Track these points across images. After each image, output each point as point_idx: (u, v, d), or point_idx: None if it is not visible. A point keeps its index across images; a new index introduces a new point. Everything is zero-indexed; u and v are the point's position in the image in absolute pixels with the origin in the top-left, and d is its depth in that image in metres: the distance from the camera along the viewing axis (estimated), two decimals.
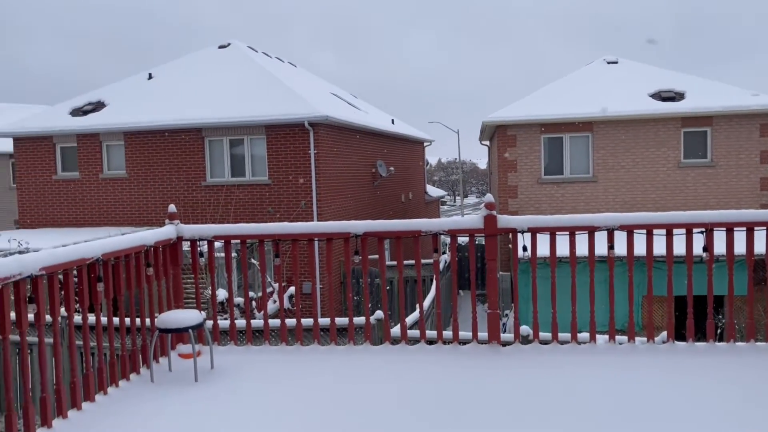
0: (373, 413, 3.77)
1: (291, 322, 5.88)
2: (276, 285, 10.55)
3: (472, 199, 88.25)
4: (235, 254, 9.60)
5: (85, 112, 17.79)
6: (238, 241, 5.19)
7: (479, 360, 4.60)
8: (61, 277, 3.87)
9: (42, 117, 18.21)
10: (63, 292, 4.11)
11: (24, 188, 17.78)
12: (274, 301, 10.33)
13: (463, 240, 5.43)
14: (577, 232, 4.74)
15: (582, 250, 4.65)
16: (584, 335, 4.89)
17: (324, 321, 5.52)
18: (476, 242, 6.62)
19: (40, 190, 17.63)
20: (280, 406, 3.92)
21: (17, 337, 6.36)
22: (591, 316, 4.76)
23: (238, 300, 9.07)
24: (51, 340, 5.95)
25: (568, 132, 16.69)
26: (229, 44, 20.50)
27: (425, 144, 27.51)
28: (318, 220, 14.91)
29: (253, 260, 10.96)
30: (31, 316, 3.62)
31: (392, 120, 23.65)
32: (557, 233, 4.76)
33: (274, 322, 5.39)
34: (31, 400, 3.55)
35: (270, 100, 16.35)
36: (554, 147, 16.86)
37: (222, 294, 9.03)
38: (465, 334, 5.25)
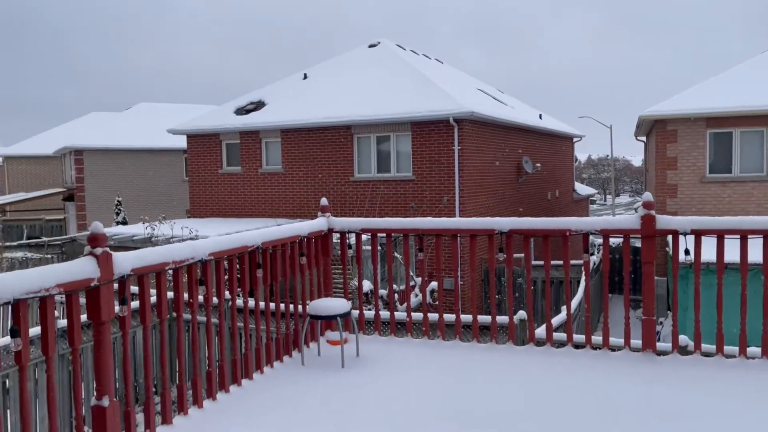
0: (516, 415, 3.70)
1: (433, 316, 5.94)
2: (418, 279, 10.69)
3: (624, 198, 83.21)
4: (380, 247, 9.88)
5: (248, 111, 19.20)
6: (384, 234, 5.32)
7: (636, 368, 4.33)
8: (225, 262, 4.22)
9: (210, 116, 19.93)
10: (227, 277, 4.47)
11: (194, 181, 19.58)
12: (416, 295, 10.48)
13: (614, 241, 5.14)
14: (749, 236, 4.30)
15: (755, 256, 4.21)
16: (754, 350, 4.43)
17: (466, 318, 5.51)
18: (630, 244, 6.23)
19: (208, 182, 19.33)
20: (419, 395, 3.98)
21: (188, 316, 7.02)
22: (764, 328, 4.29)
23: (382, 292, 9.32)
24: (215, 320, 6.52)
25: (739, 126, 15.15)
26: (378, 43, 21.08)
27: (574, 140, 26.38)
28: (460, 217, 14.88)
29: (396, 254, 11.19)
30: (200, 298, 3.98)
31: (540, 115, 22.94)
32: (726, 236, 4.35)
33: (417, 316, 5.47)
34: (199, 373, 3.91)
35: (416, 96, 16.58)
36: (721, 143, 15.39)
37: (367, 285, 9.32)
38: (615, 340, 4.97)
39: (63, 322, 5.33)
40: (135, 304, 5.48)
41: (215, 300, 4.12)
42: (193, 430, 3.56)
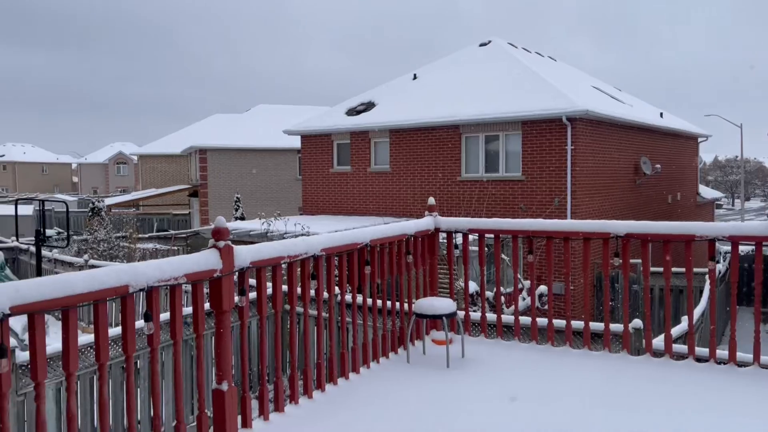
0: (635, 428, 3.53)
1: (542, 321, 5.79)
2: (527, 282, 10.45)
3: (754, 203, 76.65)
4: (487, 249, 9.75)
5: (358, 112, 19.64)
6: (492, 235, 5.26)
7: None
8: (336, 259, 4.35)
9: (323, 117, 20.58)
10: (337, 272, 4.60)
11: (307, 179, 20.32)
12: (524, 298, 10.25)
13: (744, 249, 4.76)
14: None
15: None
16: None
17: (577, 324, 5.32)
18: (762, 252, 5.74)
19: (320, 181, 19.98)
20: (527, 401, 3.90)
21: (300, 309, 7.29)
22: None
23: (489, 294, 9.20)
24: (326, 315, 6.73)
25: None
26: (489, 42, 20.82)
27: (700, 140, 24.66)
28: (572, 219, 14.37)
29: (504, 256, 11.01)
30: (312, 292, 4.13)
31: (661, 113, 21.66)
32: None
33: (524, 320, 5.36)
34: (310, 364, 4.06)
35: (527, 95, 16.21)
36: None
37: (473, 286, 9.25)
38: (743, 355, 4.61)
39: (188, 310, 5.72)
40: (252, 295, 5.77)
41: (325, 294, 4.26)
42: (303, 418, 3.70)
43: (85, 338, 5.01)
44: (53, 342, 4.54)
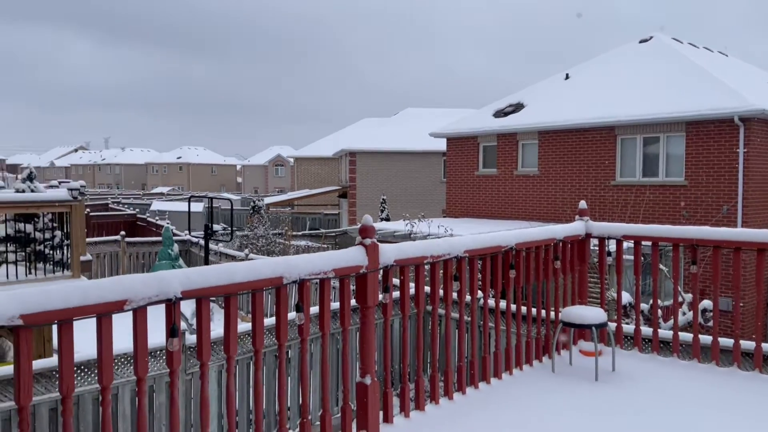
0: None
1: (705, 339, 5.30)
2: (688, 296, 9.64)
3: None
4: (643, 258, 9.11)
5: (506, 114, 19.31)
6: (649, 242, 4.91)
7: None
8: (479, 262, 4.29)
9: (469, 119, 20.50)
10: (480, 275, 4.55)
11: (451, 182, 20.35)
12: (683, 313, 9.45)
13: None
14: None
15: None
16: None
17: (747, 344, 4.80)
18: None
19: (464, 184, 19.91)
20: (684, 425, 3.58)
21: (441, 311, 7.31)
22: None
23: (644, 306, 8.61)
24: (467, 318, 6.69)
25: None
26: (650, 38, 19.48)
27: None
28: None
29: (662, 266, 10.22)
30: (454, 294, 4.12)
31: None
32: None
33: (684, 336, 4.93)
34: (451, 366, 4.05)
35: (693, 93, 14.93)
36: None
37: (626, 298, 8.69)
38: None
39: (334, 305, 5.97)
40: (395, 294, 5.89)
41: (467, 297, 4.22)
42: (443, 418, 3.70)
43: (244, 326, 5.40)
44: (216, 328, 4.96)
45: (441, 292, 4.10)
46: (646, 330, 5.41)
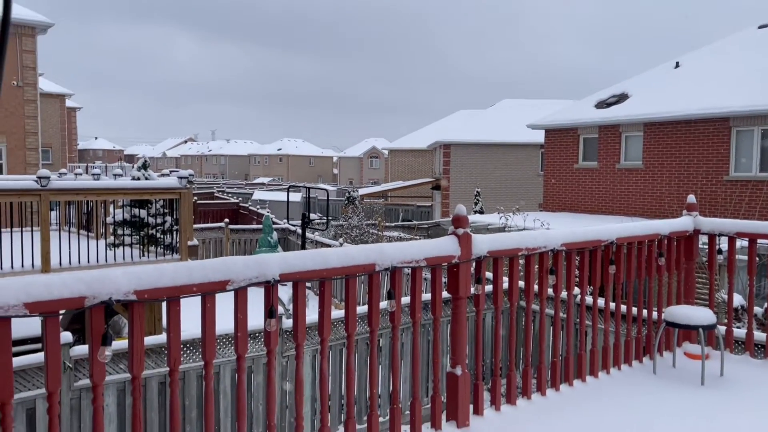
0: None
1: None
2: None
3: None
4: (759, 259, 8.47)
5: (608, 105, 18.50)
6: (766, 241, 4.55)
7: None
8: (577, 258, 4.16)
9: (568, 110, 19.82)
10: (578, 271, 4.40)
11: (549, 175, 19.79)
12: None
13: None
14: None
15: None
16: None
17: None
18: None
19: (562, 177, 19.30)
20: None
21: (536, 307, 7.16)
22: None
23: (757, 309, 8.00)
24: (563, 314, 6.50)
25: None
26: None
27: None
28: None
29: None
30: (549, 290, 4.01)
31: None
32: None
33: None
34: (545, 362, 3.96)
35: None
36: None
37: (738, 300, 8.12)
38: None
39: (426, 297, 5.98)
40: (488, 288, 5.82)
41: (564, 293, 4.10)
42: (534, 413, 3.62)
43: (337, 313, 5.53)
44: (311, 314, 5.12)
45: (536, 287, 4.01)
46: (759, 335, 5.03)
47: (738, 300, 8.22)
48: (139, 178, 9.31)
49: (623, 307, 5.11)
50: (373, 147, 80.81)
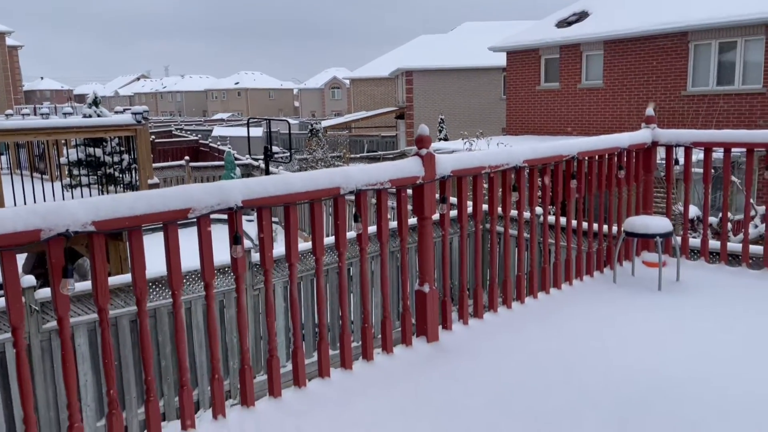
0: None
1: None
2: (761, 208, 9.22)
3: None
4: (714, 171, 8.71)
5: (569, 23, 18.33)
6: (721, 149, 4.66)
7: None
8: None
9: (530, 32, 19.59)
10: (540, 188, 4.45)
11: (511, 98, 19.74)
12: (755, 226, 9.07)
13: None
14: None
15: None
16: None
17: None
18: None
19: (525, 100, 19.29)
20: (749, 328, 3.50)
21: (500, 228, 7.27)
22: None
23: (713, 220, 8.29)
24: (527, 234, 6.63)
25: None
26: None
27: None
28: None
29: (734, 177, 9.76)
30: (513, 212, 4.06)
31: None
32: None
33: (755, 249, 4.74)
34: (510, 276, 4.06)
35: None
36: None
37: (694, 211, 8.38)
38: None
39: (393, 225, 6.01)
40: (453, 214, 5.88)
41: (527, 213, 4.17)
42: (500, 325, 3.75)
43: (304, 245, 5.53)
44: (279, 247, 5.12)
45: (500, 210, 4.04)
46: (714, 243, 5.23)
47: (694, 211, 8.49)
48: (90, 116, 8.98)
49: (585, 223, 5.23)
50: (334, 77, 79.13)
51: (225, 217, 2.60)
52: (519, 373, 3.12)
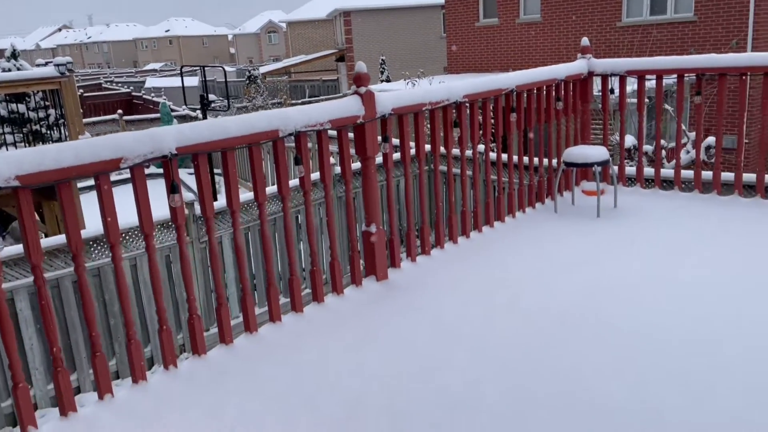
0: None
1: (707, 174, 5.31)
2: (692, 134, 9.57)
3: None
4: (648, 100, 8.95)
5: None
6: (654, 76, 4.76)
7: None
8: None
9: None
10: (481, 120, 4.47)
11: (451, 36, 19.55)
12: (687, 152, 9.45)
13: None
14: None
15: None
16: None
17: (749, 177, 4.82)
18: None
19: (465, 37, 19.14)
20: (694, 248, 3.69)
21: (443, 168, 7.31)
22: None
23: (648, 148, 8.57)
24: (470, 171, 6.70)
25: None
26: None
27: None
28: None
29: (667, 105, 10.06)
30: (456, 152, 4.07)
31: None
32: None
33: (687, 174, 4.94)
34: (455, 213, 4.12)
35: None
36: None
37: (630, 140, 8.64)
38: None
39: (337, 170, 5.97)
40: (396, 156, 5.86)
41: (468, 150, 4.19)
42: (446, 261, 3.82)
43: (247, 195, 5.43)
44: (223, 200, 5.02)
45: (442, 149, 4.04)
46: (649, 170, 5.42)
47: (630, 140, 8.74)
48: (10, 70, 8.43)
49: (526, 157, 5.32)
50: (269, 21, 76.43)
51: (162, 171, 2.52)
52: (463, 303, 3.22)
